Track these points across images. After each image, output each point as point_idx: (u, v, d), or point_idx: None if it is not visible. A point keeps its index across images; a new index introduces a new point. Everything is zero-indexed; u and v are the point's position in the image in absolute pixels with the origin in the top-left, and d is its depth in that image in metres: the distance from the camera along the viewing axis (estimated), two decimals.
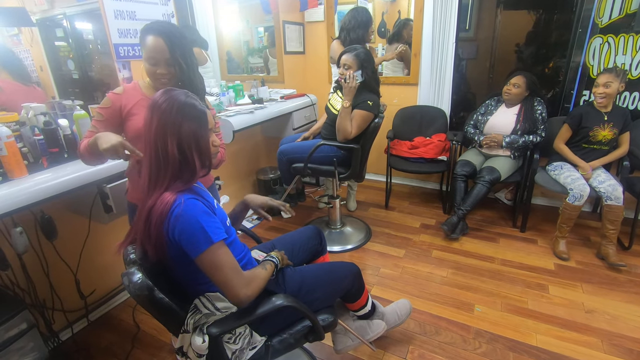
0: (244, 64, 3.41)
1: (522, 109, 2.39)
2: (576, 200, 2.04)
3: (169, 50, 1.16)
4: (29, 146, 1.45)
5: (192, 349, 0.91)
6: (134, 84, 1.28)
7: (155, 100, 0.92)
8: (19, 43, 2.04)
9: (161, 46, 1.15)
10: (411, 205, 2.94)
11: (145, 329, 1.75)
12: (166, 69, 1.18)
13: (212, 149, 1.00)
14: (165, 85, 1.19)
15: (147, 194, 0.93)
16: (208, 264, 0.89)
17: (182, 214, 0.87)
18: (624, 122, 2.13)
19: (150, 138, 0.91)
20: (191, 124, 0.92)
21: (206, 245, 0.88)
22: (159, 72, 1.18)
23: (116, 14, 1.68)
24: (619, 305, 1.78)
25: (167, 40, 1.15)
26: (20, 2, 1.87)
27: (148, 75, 1.21)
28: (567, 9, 2.62)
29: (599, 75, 2.09)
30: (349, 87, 1.94)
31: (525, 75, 2.32)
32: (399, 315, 1.55)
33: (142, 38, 1.17)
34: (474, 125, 2.57)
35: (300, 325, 1.12)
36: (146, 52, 1.17)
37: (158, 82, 1.21)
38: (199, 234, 0.88)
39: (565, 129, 2.23)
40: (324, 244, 1.46)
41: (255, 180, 2.96)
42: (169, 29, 1.18)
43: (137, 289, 0.85)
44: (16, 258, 1.44)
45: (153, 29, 1.16)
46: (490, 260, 2.18)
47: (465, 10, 2.86)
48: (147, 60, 1.17)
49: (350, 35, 2.36)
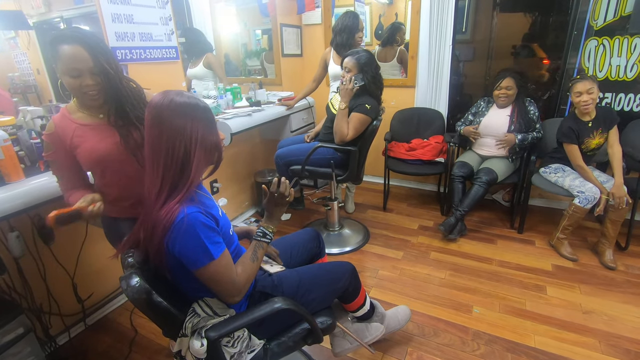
0: (241, 67, 3.42)
1: (515, 109, 2.40)
2: (588, 203, 2.01)
3: (91, 58, 1.02)
4: (26, 150, 1.44)
5: (191, 353, 0.91)
6: (62, 113, 1.14)
7: (159, 105, 0.89)
8: (16, 46, 2.03)
9: (81, 54, 1.01)
10: (409, 207, 2.94)
11: (143, 333, 1.74)
12: (92, 78, 1.05)
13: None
14: (94, 98, 1.08)
15: (154, 202, 0.89)
16: (207, 277, 0.92)
17: (185, 229, 0.86)
18: (609, 120, 2.08)
19: (160, 145, 0.88)
20: (201, 123, 0.91)
21: (207, 261, 0.89)
22: (85, 84, 1.05)
23: (114, 17, 1.68)
24: (616, 306, 1.79)
25: (87, 47, 1.02)
26: (18, 5, 1.87)
27: (71, 90, 1.06)
28: (562, 12, 2.65)
29: (576, 83, 2.03)
30: (345, 89, 1.95)
31: (513, 76, 2.33)
32: (399, 320, 1.55)
33: (54, 49, 1.02)
34: (464, 124, 2.60)
35: (298, 328, 1.12)
36: (64, 64, 1.02)
37: (86, 97, 1.08)
38: (200, 249, 0.88)
39: (574, 149, 2.11)
40: (322, 247, 1.46)
41: (253, 183, 2.96)
42: (85, 34, 1.04)
43: (135, 293, 0.85)
44: (13, 262, 1.43)
45: (66, 37, 1.01)
46: (488, 261, 2.18)
47: (461, 13, 2.88)
48: (68, 73, 1.03)
49: (336, 38, 2.38)
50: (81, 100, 1.12)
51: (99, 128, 1.15)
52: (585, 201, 2.02)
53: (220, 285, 0.94)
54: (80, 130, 1.13)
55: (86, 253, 1.72)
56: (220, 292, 0.95)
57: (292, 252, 1.36)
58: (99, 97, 1.10)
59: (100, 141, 1.14)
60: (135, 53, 1.84)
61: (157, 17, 1.88)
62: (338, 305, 1.41)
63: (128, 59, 1.82)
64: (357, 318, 1.44)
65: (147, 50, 1.86)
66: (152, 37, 1.87)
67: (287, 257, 1.34)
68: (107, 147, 1.13)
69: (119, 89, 1.11)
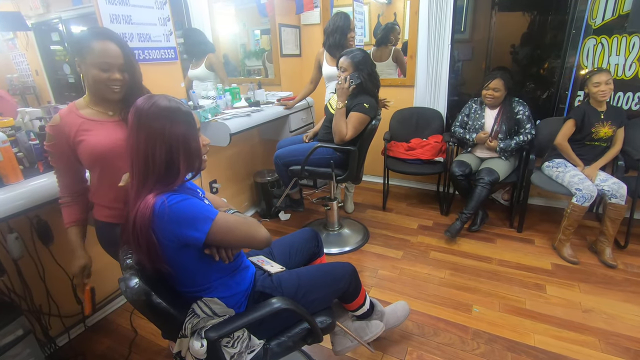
0: (240, 67, 3.42)
1: (501, 110, 2.40)
2: (586, 201, 2.02)
3: (122, 55, 1.12)
4: (25, 151, 1.44)
5: (190, 354, 0.91)
6: (70, 108, 1.18)
7: (140, 108, 0.90)
8: (15, 47, 2.03)
9: (115, 51, 1.10)
10: (408, 207, 2.94)
11: (142, 334, 1.74)
12: (120, 74, 1.13)
13: (202, 148, 0.99)
14: (116, 92, 1.14)
15: (133, 204, 0.90)
16: (222, 235, 0.93)
17: (169, 211, 0.86)
18: (620, 119, 2.15)
19: (140, 147, 0.89)
20: (180, 127, 0.91)
21: (209, 224, 0.90)
22: (113, 78, 1.11)
23: (112, 18, 1.68)
24: (616, 304, 1.79)
25: (119, 46, 1.11)
26: (16, 7, 1.87)
27: (96, 83, 1.12)
28: (561, 11, 2.65)
29: (595, 75, 2.09)
30: (341, 89, 1.96)
31: (502, 77, 2.33)
32: (397, 317, 1.56)
33: (86, 43, 1.08)
34: (460, 127, 2.59)
35: (298, 328, 1.12)
36: (96, 57, 1.08)
37: (108, 91, 1.14)
38: (196, 218, 0.89)
39: (571, 124, 2.19)
40: (320, 246, 1.46)
41: (252, 183, 2.96)
42: (116, 34, 1.14)
43: (135, 294, 0.85)
44: (12, 263, 1.43)
45: (100, 34, 1.10)
46: (487, 260, 2.19)
47: (460, 12, 2.87)
48: (99, 66, 1.09)
49: (329, 39, 2.38)
50: (102, 94, 1.16)
51: (106, 124, 1.18)
52: (582, 199, 2.03)
53: (239, 229, 0.95)
54: (86, 124, 1.16)
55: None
56: (245, 233, 0.96)
57: (290, 252, 1.36)
58: (120, 93, 1.16)
59: (106, 136, 1.16)
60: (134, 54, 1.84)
61: (156, 17, 1.88)
62: (338, 304, 1.41)
63: None
64: (356, 317, 1.45)
65: (146, 51, 1.86)
66: (150, 37, 1.87)
67: (286, 257, 1.34)
68: (111, 142, 1.15)
69: (139, 89, 1.20)
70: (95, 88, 1.15)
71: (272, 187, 2.80)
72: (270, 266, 1.22)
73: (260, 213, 2.92)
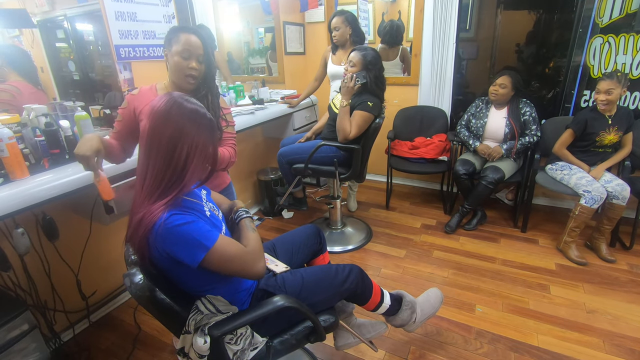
0: (244, 65, 3.42)
1: (509, 110, 2.38)
2: (595, 202, 1.99)
3: (203, 47, 1.24)
4: (31, 147, 1.45)
5: (194, 350, 0.91)
6: (152, 87, 1.32)
7: (168, 103, 0.89)
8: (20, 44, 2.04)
9: (197, 42, 1.23)
10: (412, 206, 2.94)
11: (146, 330, 1.75)
12: (198, 64, 1.24)
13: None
14: (191, 82, 1.25)
15: (142, 202, 0.90)
16: (216, 265, 0.91)
17: (164, 234, 0.86)
18: (628, 122, 2.11)
19: (161, 143, 0.88)
20: (205, 132, 0.92)
21: (203, 253, 0.88)
22: (191, 67, 1.22)
23: (117, 15, 1.68)
24: (620, 305, 1.78)
25: (202, 40, 1.25)
26: (21, 4, 1.88)
27: (177, 70, 1.23)
28: (567, 9, 2.62)
29: (599, 81, 2.05)
30: (346, 87, 1.95)
31: (510, 75, 2.31)
32: (432, 304, 1.49)
33: (174, 35, 1.22)
34: (465, 127, 2.57)
35: (301, 326, 1.12)
36: (180, 46, 1.21)
37: (184, 79, 1.25)
38: (190, 245, 0.87)
39: (569, 134, 2.17)
40: (323, 243, 1.45)
41: (256, 181, 2.96)
42: (201, 31, 1.27)
43: (139, 290, 0.85)
44: (18, 259, 1.44)
45: (187, 29, 1.25)
46: (491, 260, 2.18)
47: (465, 11, 2.85)
48: (180, 54, 1.22)
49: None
50: (179, 83, 1.27)
51: None
52: (592, 201, 2.00)
53: (234, 263, 0.92)
54: None
55: (90, 250, 1.72)
56: (240, 268, 0.94)
57: (293, 249, 1.35)
58: (194, 83, 1.28)
59: None
60: (138, 51, 1.85)
61: (160, 15, 1.88)
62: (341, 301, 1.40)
63: (132, 57, 1.83)
64: (384, 315, 1.41)
65: (151, 48, 1.86)
66: (155, 35, 1.87)
67: (289, 255, 1.34)
68: None
69: (211, 84, 1.33)
70: (175, 76, 1.26)
71: (275, 185, 2.80)
72: (275, 265, 1.22)
73: (263, 211, 2.92)
